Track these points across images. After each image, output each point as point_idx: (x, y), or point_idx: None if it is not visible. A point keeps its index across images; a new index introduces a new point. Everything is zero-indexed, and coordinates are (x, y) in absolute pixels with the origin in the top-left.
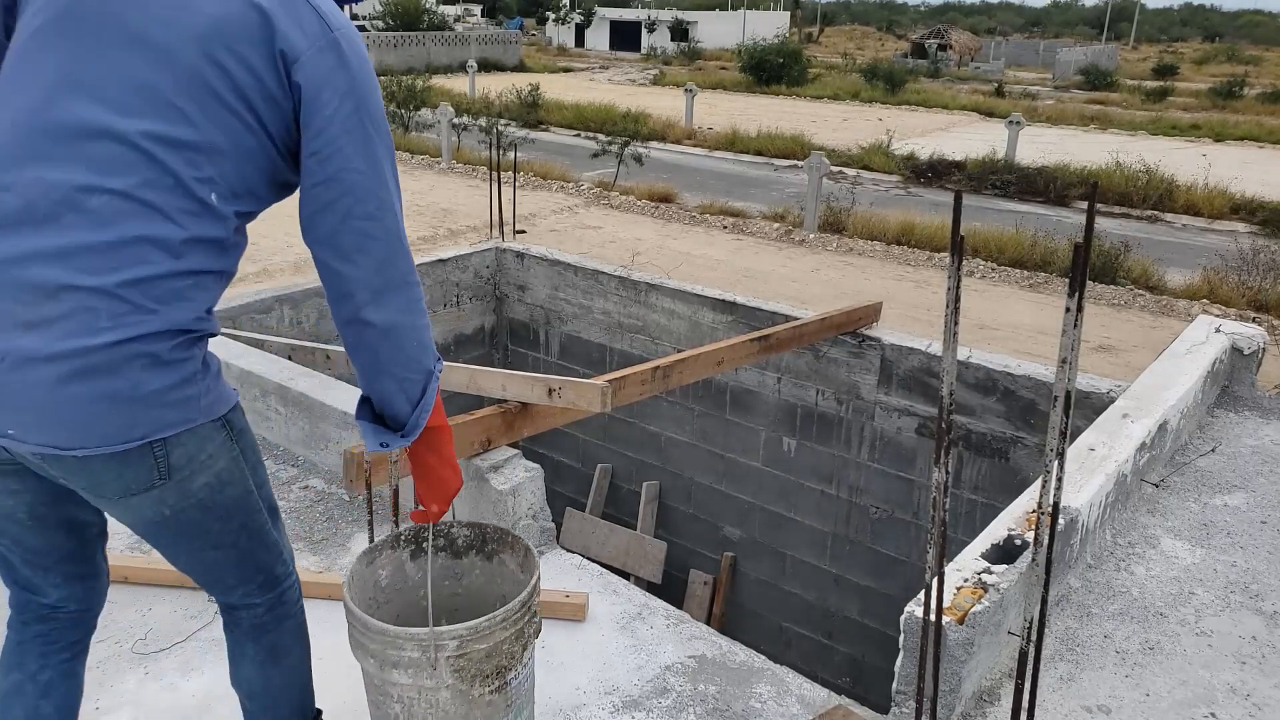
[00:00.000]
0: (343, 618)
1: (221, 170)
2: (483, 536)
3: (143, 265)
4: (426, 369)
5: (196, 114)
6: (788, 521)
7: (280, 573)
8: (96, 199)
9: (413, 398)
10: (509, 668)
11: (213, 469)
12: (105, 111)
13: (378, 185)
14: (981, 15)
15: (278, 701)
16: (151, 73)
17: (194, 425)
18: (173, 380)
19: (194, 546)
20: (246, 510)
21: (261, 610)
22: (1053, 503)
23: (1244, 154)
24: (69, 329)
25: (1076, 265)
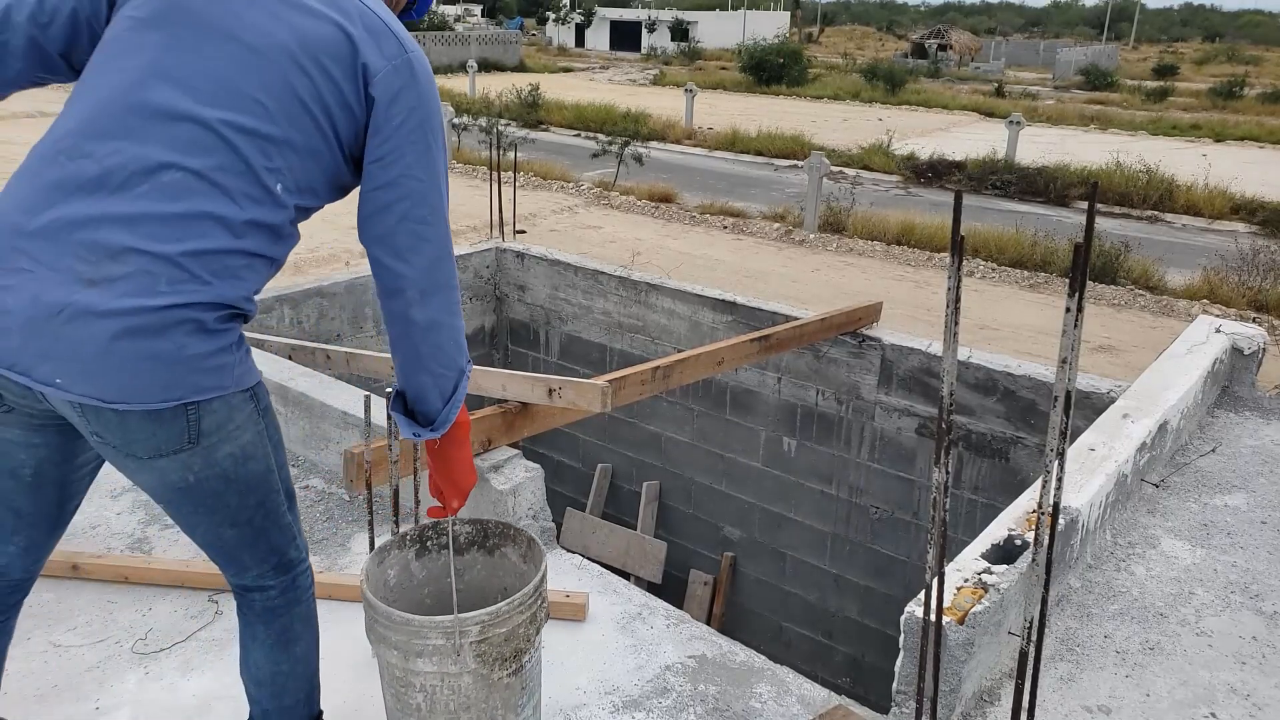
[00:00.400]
0: (342, 618)
1: (290, 164)
2: (484, 532)
3: (204, 239)
4: (460, 367)
5: (277, 111)
6: (788, 521)
7: (294, 557)
8: (170, 174)
9: (445, 393)
10: (525, 650)
11: (239, 440)
12: (190, 99)
13: (433, 192)
14: (981, 15)
15: (285, 690)
16: (239, 71)
17: (226, 393)
18: (212, 348)
19: (213, 520)
20: (266, 489)
21: (275, 593)
22: (1053, 503)
23: (1244, 154)
24: (128, 289)
25: (1076, 265)
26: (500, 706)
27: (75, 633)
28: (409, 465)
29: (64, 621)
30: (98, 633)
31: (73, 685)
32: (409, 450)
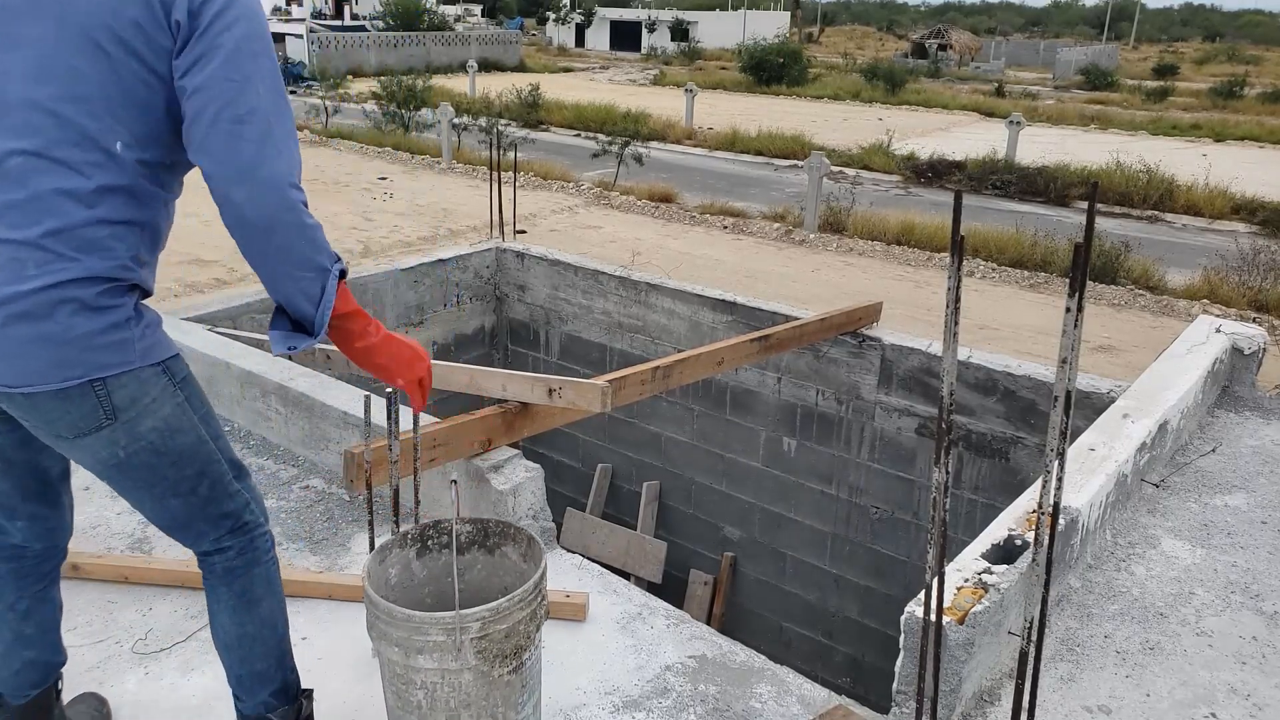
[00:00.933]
0: (343, 617)
1: (120, 118)
2: (484, 531)
3: (58, 217)
4: (319, 265)
5: (89, 69)
6: (788, 521)
7: (250, 520)
8: (13, 160)
9: (312, 296)
10: (525, 648)
11: (158, 413)
12: (18, 83)
13: (250, 93)
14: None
15: (253, 653)
16: (51, 44)
17: (132, 368)
18: (102, 325)
19: (155, 492)
20: (202, 458)
21: (233, 554)
22: (1053, 503)
23: (1244, 154)
24: (2, 278)
25: (1077, 265)
26: (500, 704)
27: (75, 633)
28: (409, 465)
29: (64, 621)
30: (98, 633)
31: (73, 685)
32: (409, 450)
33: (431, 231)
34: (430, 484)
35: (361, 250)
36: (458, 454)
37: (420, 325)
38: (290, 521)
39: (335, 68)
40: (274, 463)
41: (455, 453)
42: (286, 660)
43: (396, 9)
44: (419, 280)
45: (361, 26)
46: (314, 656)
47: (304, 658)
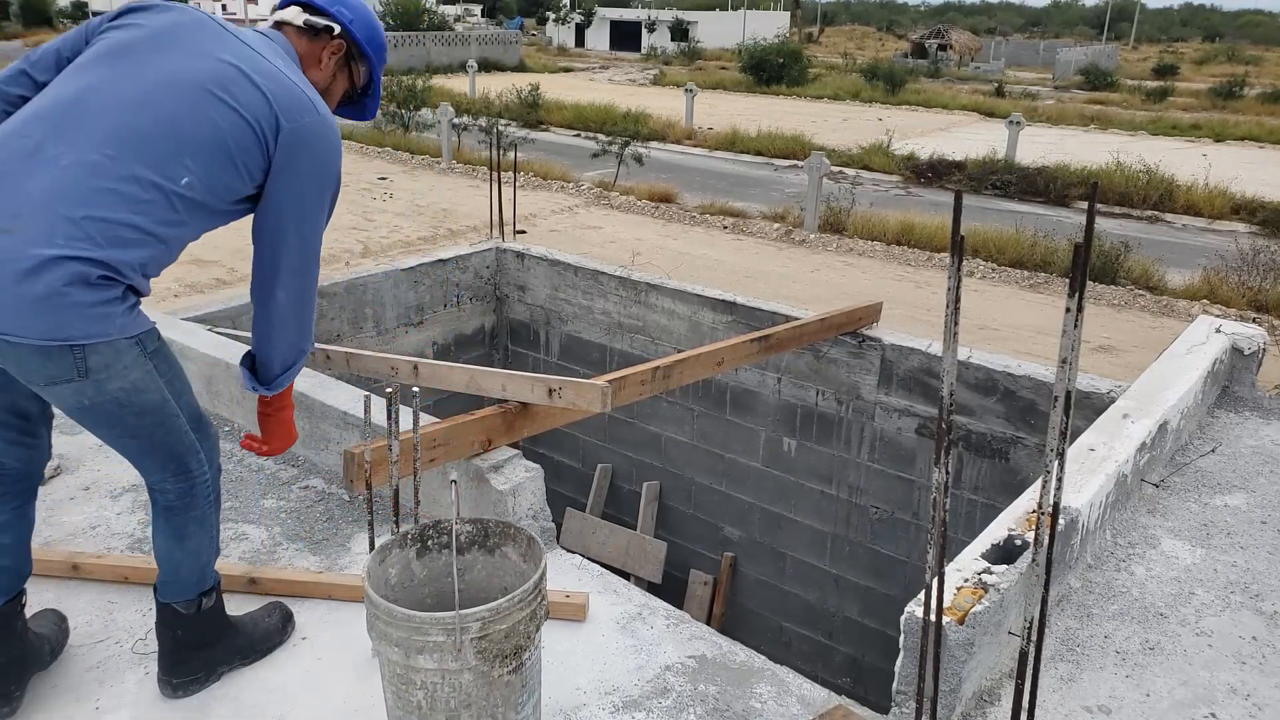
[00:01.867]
0: (343, 618)
1: (196, 162)
2: (485, 531)
3: (102, 208)
4: (301, 348)
5: (188, 116)
6: (788, 522)
7: (194, 469)
8: (91, 157)
9: (286, 363)
10: (525, 648)
11: (128, 377)
12: (125, 101)
13: (307, 222)
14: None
15: (178, 570)
16: (167, 82)
17: (109, 339)
18: (94, 299)
19: (114, 433)
20: (163, 414)
21: (172, 496)
22: (1053, 503)
23: (1244, 154)
24: (33, 239)
25: (1077, 265)
26: (500, 704)
27: (75, 633)
28: (409, 465)
29: (70, 634)
30: (98, 633)
31: (73, 685)
32: (409, 450)
33: (431, 231)
34: (430, 484)
35: (361, 250)
36: (458, 454)
37: (420, 325)
38: (290, 521)
39: None
40: (274, 463)
41: (455, 453)
42: (205, 576)
43: (396, 9)
44: (419, 280)
45: None
46: (314, 656)
47: (304, 658)
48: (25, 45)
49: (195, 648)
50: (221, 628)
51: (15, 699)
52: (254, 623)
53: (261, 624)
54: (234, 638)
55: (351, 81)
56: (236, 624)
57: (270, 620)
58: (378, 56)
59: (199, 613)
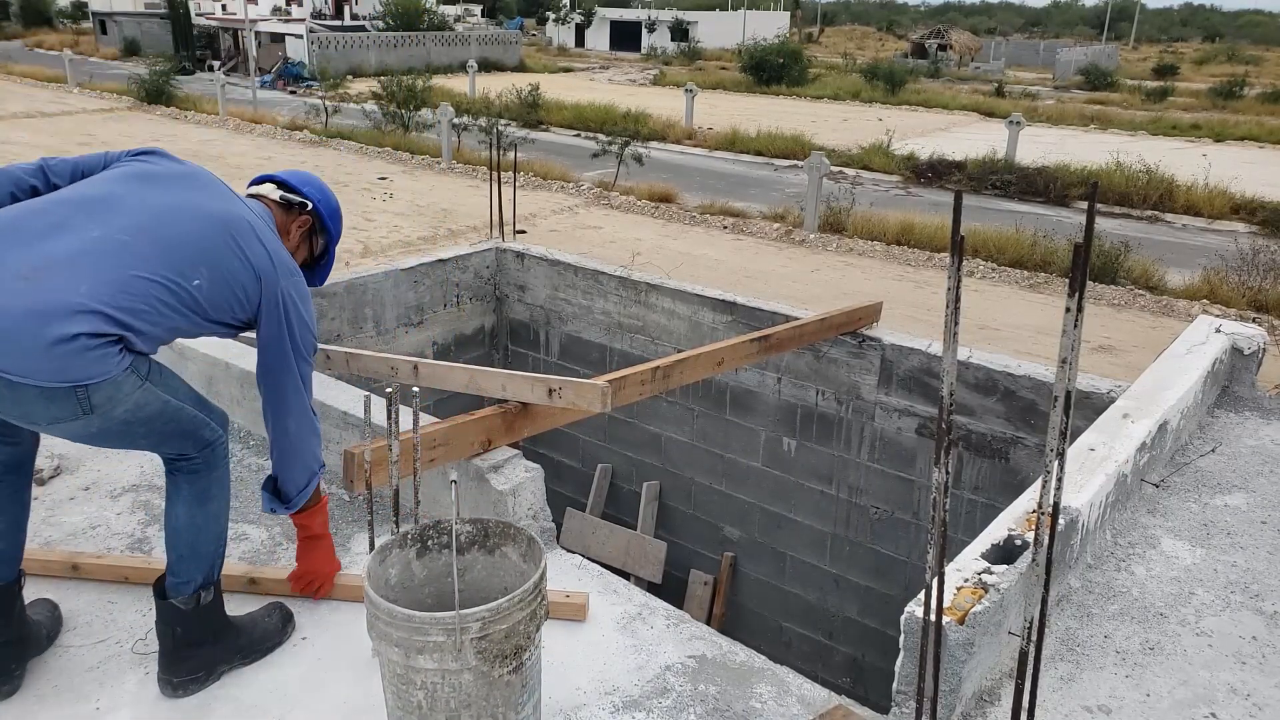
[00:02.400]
0: (343, 618)
1: (208, 268)
2: (485, 531)
3: (125, 283)
4: (311, 470)
5: (208, 240)
6: (788, 521)
7: (209, 436)
8: (123, 237)
9: (299, 485)
10: (525, 648)
11: (129, 401)
12: (154, 212)
13: (288, 364)
14: (981, 15)
15: (199, 539)
16: (189, 212)
17: (110, 377)
18: (96, 343)
19: (125, 443)
20: (166, 414)
21: (198, 461)
22: (1053, 503)
23: (1244, 154)
24: (59, 286)
25: (1076, 265)
26: (501, 704)
27: (75, 633)
28: (409, 465)
29: (64, 622)
30: (98, 633)
31: (73, 685)
32: (409, 450)
33: (431, 231)
34: (430, 484)
35: (361, 250)
36: (458, 454)
37: (420, 325)
38: (290, 522)
39: (335, 68)
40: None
41: (455, 453)
42: (220, 552)
43: (396, 9)
44: (419, 280)
45: (361, 26)
46: (314, 656)
47: (304, 657)
48: (25, 45)
49: (195, 645)
50: (221, 626)
51: (15, 678)
52: (254, 623)
53: (261, 624)
54: (234, 637)
55: (310, 252)
56: (236, 624)
57: (270, 620)
58: (336, 231)
59: (198, 608)
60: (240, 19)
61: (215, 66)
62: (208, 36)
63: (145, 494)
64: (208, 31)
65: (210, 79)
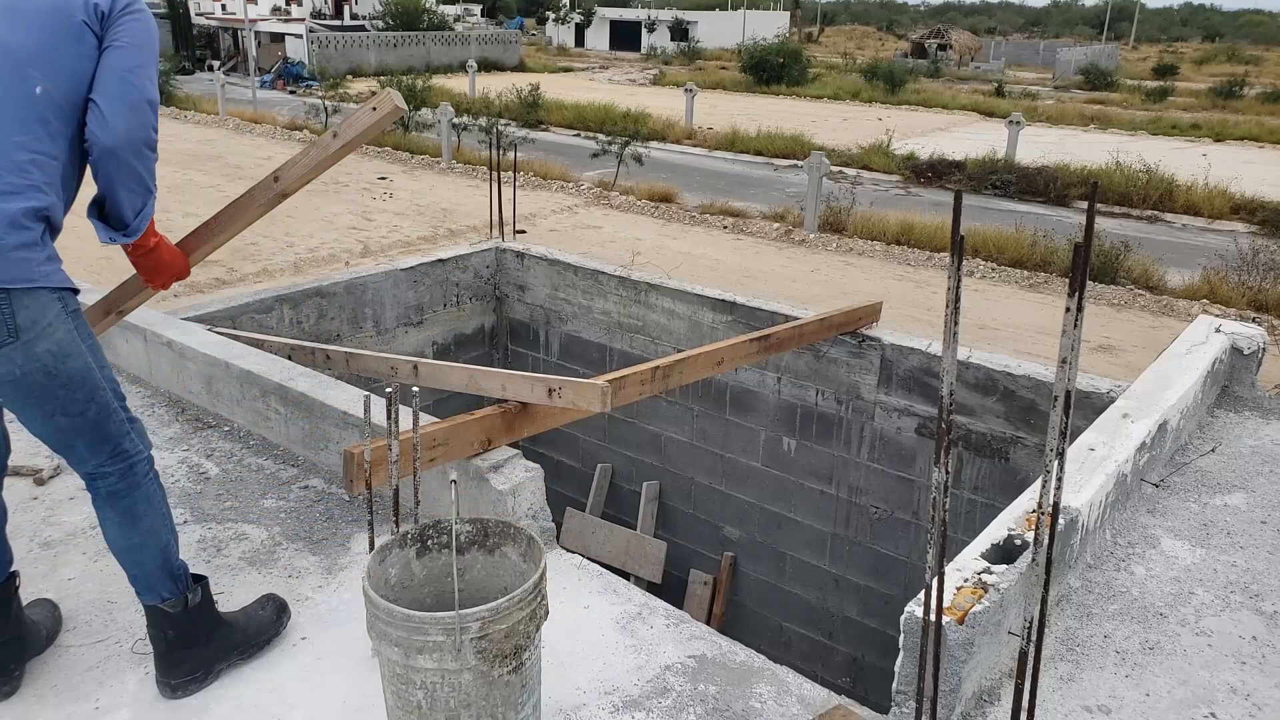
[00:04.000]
0: (342, 617)
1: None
2: (484, 531)
3: None
4: (148, 188)
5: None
6: (788, 521)
7: (129, 448)
8: None
9: (135, 208)
10: (525, 648)
11: (53, 337)
12: None
13: (137, 57)
14: (981, 15)
15: (141, 558)
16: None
17: (34, 286)
18: (15, 241)
19: (46, 409)
20: (90, 384)
21: (114, 479)
22: (1053, 503)
23: (1244, 154)
24: None
25: (1076, 265)
26: (500, 704)
27: (75, 633)
28: (409, 465)
29: (64, 621)
30: (97, 633)
31: (73, 685)
32: (409, 450)
33: (431, 231)
34: (430, 484)
35: (361, 250)
36: (458, 454)
37: (420, 325)
38: (290, 521)
39: (335, 67)
40: (274, 463)
41: (455, 453)
42: (172, 562)
43: (396, 9)
44: (419, 280)
45: (361, 26)
46: (314, 656)
47: (304, 657)
48: None
49: (189, 647)
50: (213, 625)
51: (15, 678)
52: (248, 617)
53: (256, 617)
54: (228, 634)
55: None
56: (229, 620)
57: (264, 613)
58: None
59: (186, 610)
60: (240, 19)
61: (215, 66)
62: (207, 36)
63: None
64: (207, 31)
65: (210, 79)
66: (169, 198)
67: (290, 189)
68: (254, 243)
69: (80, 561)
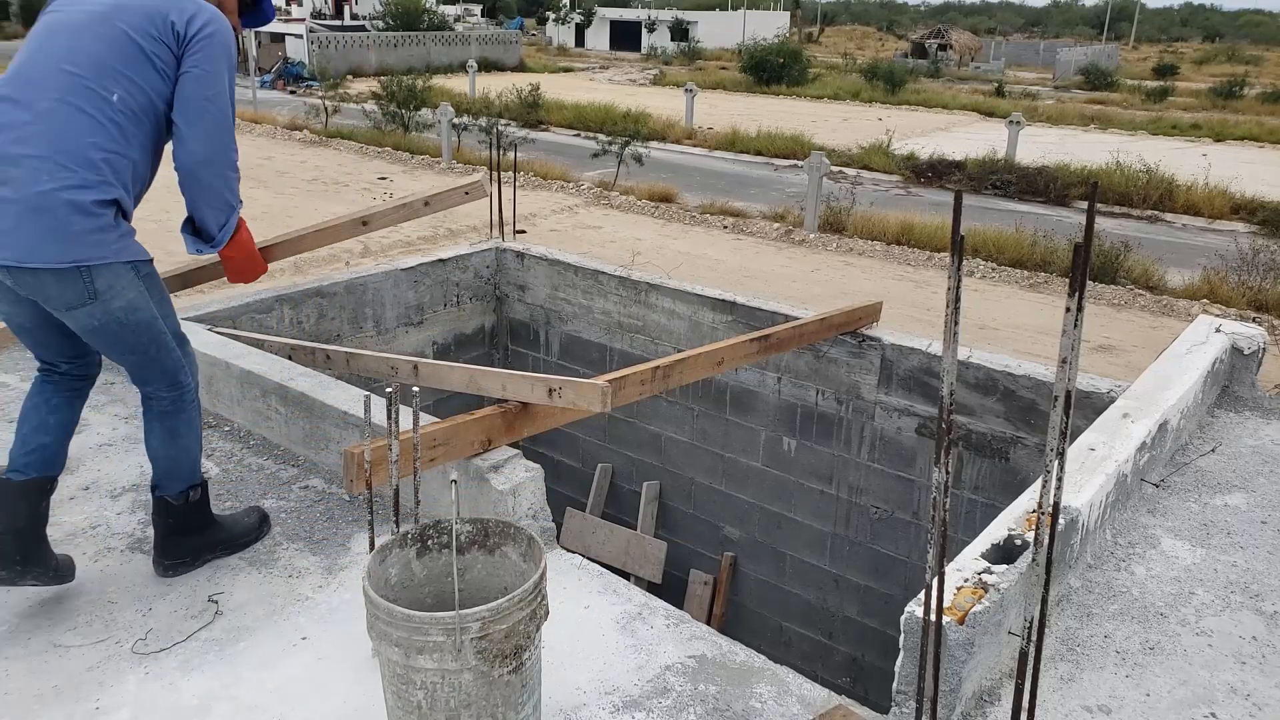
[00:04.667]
0: (343, 616)
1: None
2: (485, 531)
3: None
4: (230, 204)
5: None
6: (788, 521)
7: (182, 380)
8: (43, 105)
9: (220, 222)
10: (525, 648)
11: (125, 296)
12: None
13: (216, 83)
14: (981, 15)
15: (173, 466)
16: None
17: (107, 262)
18: (90, 226)
19: (120, 349)
20: (153, 331)
21: (167, 402)
22: (1053, 503)
23: (1244, 154)
24: (25, 180)
25: (1076, 265)
26: (500, 704)
27: (75, 633)
28: (409, 465)
29: (64, 621)
30: (98, 633)
31: (73, 685)
32: (409, 450)
33: (431, 231)
34: (430, 484)
35: (361, 250)
36: (458, 454)
37: (420, 325)
38: (290, 521)
39: (335, 68)
40: (274, 463)
41: (455, 453)
42: (195, 471)
43: (396, 9)
44: (419, 280)
45: (361, 26)
46: (314, 656)
47: (304, 657)
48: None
49: (183, 534)
50: (206, 520)
51: (17, 570)
52: (235, 520)
53: (241, 522)
54: (217, 531)
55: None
56: (220, 520)
57: (249, 519)
58: None
59: (187, 504)
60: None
61: None
62: None
63: (145, 494)
64: None
65: None
66: (169, 197)
67: (375, 229)
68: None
69: (80, 561)
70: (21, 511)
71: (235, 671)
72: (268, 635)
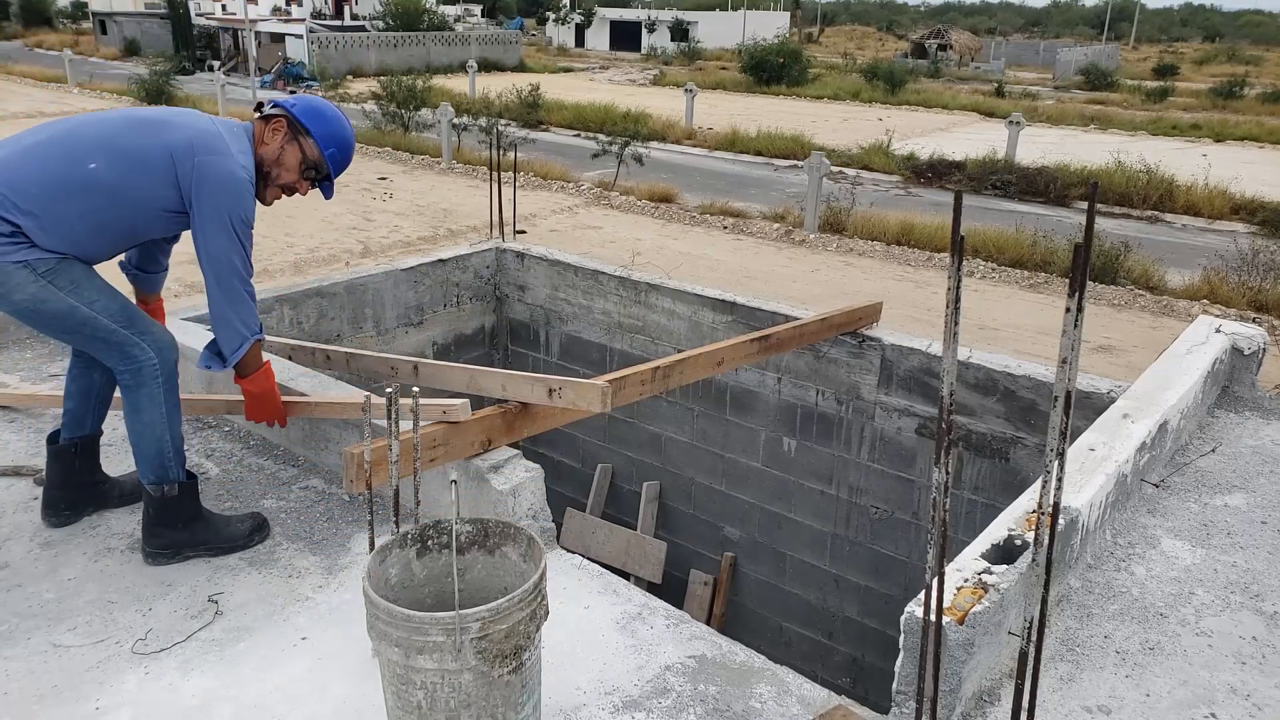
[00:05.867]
0: (343, 617)
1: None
2: (485, 531)
3: None
4: (243, 336)
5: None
6: (788, 521)
7: (137, 354)
8: None
9: (230, 350)
10: (525, 648)
11: (26, 291)
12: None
13: (220, 248)
14: (982, 15)
15: (139, 440)
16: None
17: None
18: None
19: (51, 332)
20: (76, 317)
21: (126, 376)
22: (1053, 503)
23: (1244, 154)
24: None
25: (1077, 265)
26: (500, 704)
27: (75, 633)
28: (409, 465)
29: (64, 621)
30: (98, 633)
31: (73, 685)
32: (409, 450)
33: (431, 231)
34: (430, 484)
35: (361, 250)
36: (458, 454)
37: (420, 325)
38: (290, 521)
39: (335, 68)
40: (274, 463)
41: (455, 453)
42: (164, 455)
43: (396, 9)
44: (419, 280)
45: (361, 26)
46: (314, 656)
47: (304, 657)
48: (25, 45)
49: (163, 526)
50: (190, 518)
51: (65, 516)
52: (226, 523)
53: (233, 526)
54: (202, 530)
55: (302, 153)
56: (208, 519)
57: (241, 526)
58: (319, 129)
59: (162, 499)
60: (240, 19)
61: (215, 66)
62: (208, 36)
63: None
64: (208, 31)
65: (210, 79)
66: None
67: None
68: (255, 243)
69: (80, 561)
70: (58, 472)
71: (235, 671)
72: (268, 635)
